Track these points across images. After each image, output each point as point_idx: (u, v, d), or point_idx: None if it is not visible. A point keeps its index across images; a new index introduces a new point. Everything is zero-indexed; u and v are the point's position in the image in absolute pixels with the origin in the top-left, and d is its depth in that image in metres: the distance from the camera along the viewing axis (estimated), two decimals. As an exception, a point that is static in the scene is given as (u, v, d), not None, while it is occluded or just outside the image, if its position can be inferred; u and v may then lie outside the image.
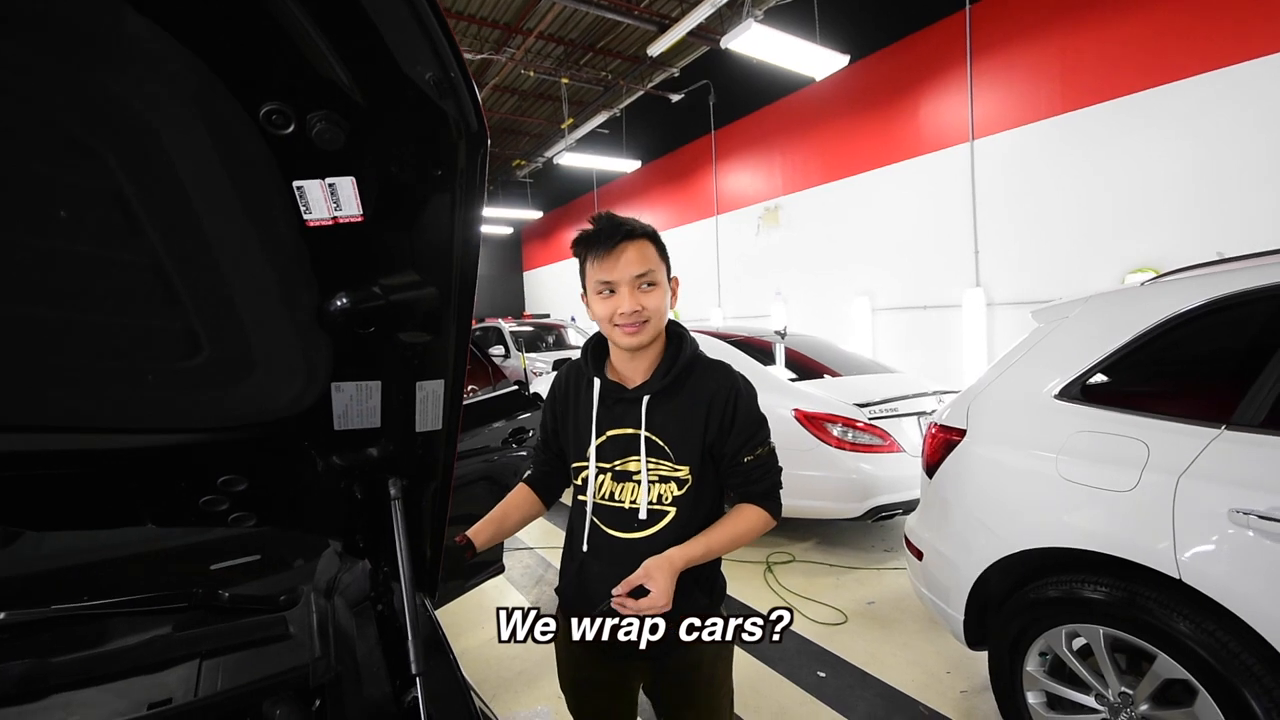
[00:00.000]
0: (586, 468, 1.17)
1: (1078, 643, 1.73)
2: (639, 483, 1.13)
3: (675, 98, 10.37)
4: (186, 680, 0.84)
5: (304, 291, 0.67)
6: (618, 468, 1.15)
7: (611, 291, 1.08)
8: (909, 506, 3.39)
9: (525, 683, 2.44)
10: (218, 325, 0.68)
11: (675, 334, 1.18)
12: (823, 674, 2.42)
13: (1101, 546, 1.58)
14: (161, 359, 0.70)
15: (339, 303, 0.68)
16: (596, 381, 1.17)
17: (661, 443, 1.12)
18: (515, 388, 2.74)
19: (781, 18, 6.91)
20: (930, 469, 2.17)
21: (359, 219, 0.60)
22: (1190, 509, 1.43)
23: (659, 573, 1.02)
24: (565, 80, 10.06)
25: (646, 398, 1.12)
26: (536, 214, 16.65)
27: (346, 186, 0.57)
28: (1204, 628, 1.42)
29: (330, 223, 0.59)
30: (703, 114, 10.27)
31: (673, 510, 1.12)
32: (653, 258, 1.08)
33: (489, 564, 2.47)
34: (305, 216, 0.58)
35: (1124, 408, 1.65)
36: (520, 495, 1.32)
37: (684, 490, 1.12)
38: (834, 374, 4.12)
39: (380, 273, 0.67)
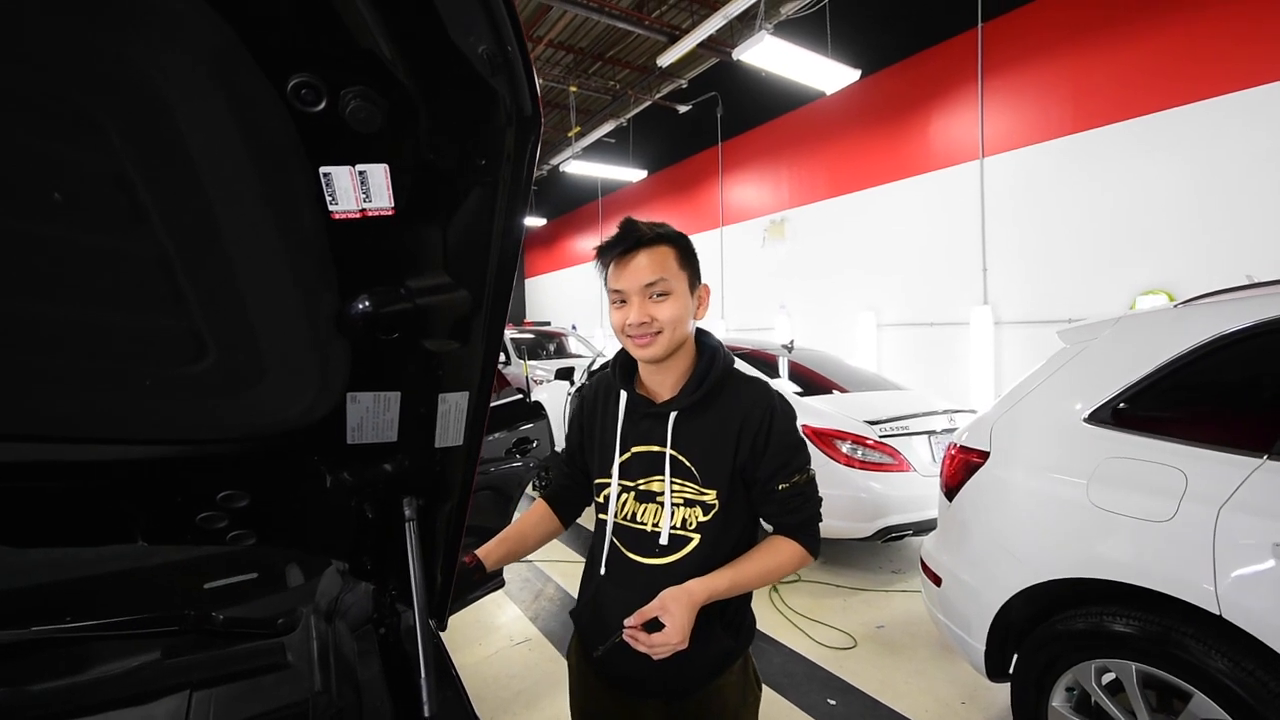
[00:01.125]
0: (609, 485, 1.11)
1: (1107, 678, 1.66)
2: (662, 504, 1.05)
3: (683, 109, 10.38)
4: (175, 714, 0.77)
5: (323, 292, 0.60)
6: (641, 487, 1.08)
7: (624, 301, 1.02)
8: (919, 528, 3.32)
9: (525, 703, 2.35)
10: (226, 327, 0.61)
11: (708, 346, 1.10)
12: (833, 701, 2.34)
13: (1137, 579, 1.52)
14: (162, 363, 0.63)
15: (361, 305, 0.62)
16: (623, 395, 1.11)
17: (688, 463, 1.05)
18: (519, 396, 2.67)
19: (793, 31, 6.90)
20: (950, 491, 2.10)
21: (389, 212, 0.53)
22: (1232, 542, 1.38)
23: (676, 605, 0.94)
24: (573, 88, 10.06)
25: (674, 414, 1.05)
26: (540, 221, 16.63)
27: (378, 175, 0.51)
28: (1243, 666, 1.36)
29: (358, 215, 0.53)
30: (710, 125, 10.27)
31: (697, 537, 1.04)
32: (668, 265, 1.00)
33: (489, 578, 2.39)
34: (330, 208, 0.52)
35: (1159, 433, 1.60)
36: (537, 514, 1.24)
37: (710, 516, 1.04)
38: (842, 390, 4.05)
39: (408, 273, 0.60)
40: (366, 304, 0.62)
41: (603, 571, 1.11)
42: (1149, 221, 5.26)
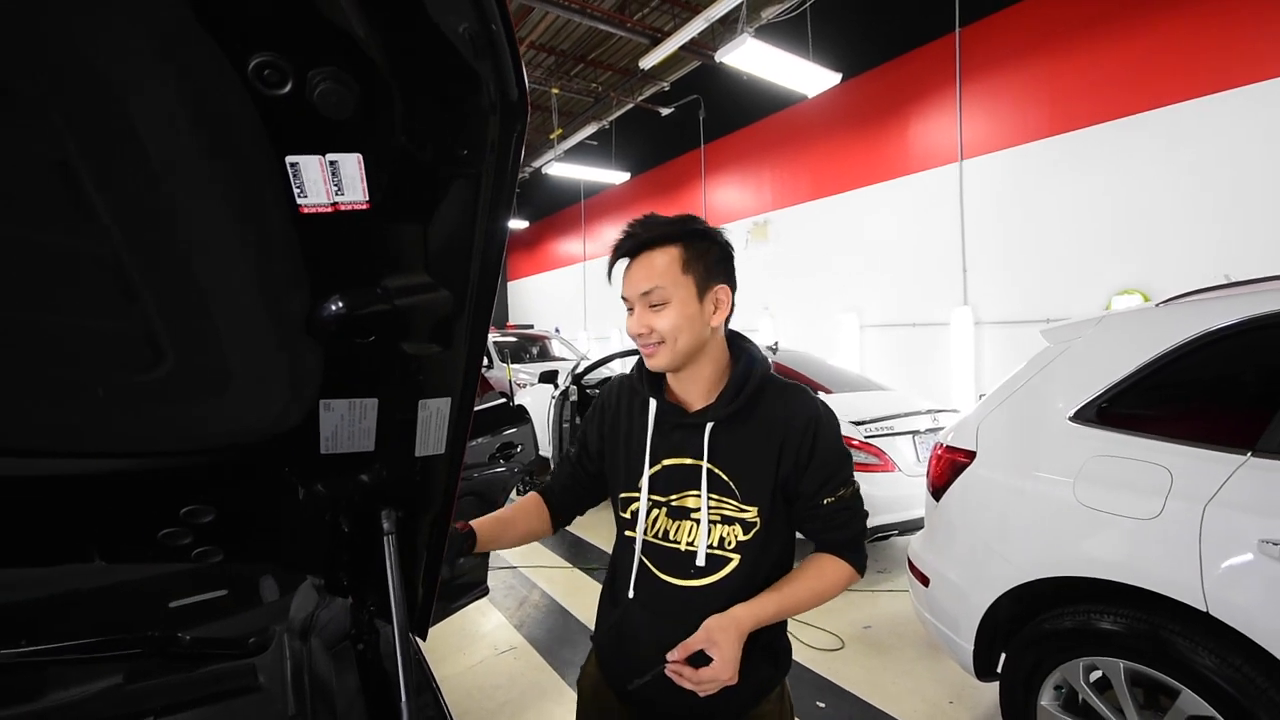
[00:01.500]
0: (636, 500, 1.02)
1: (1094, 675, 1.66)
2: (698, 522, 0.97)
3: (665, 111, 10.38)
4: (136, 745, 0.72)
5: (292, 292, 0.56)
6: (674, 503, 1.00)
7: (630, 308, 0.95)
8: (904, 527, 3.33)
9: (510, 714, 2.30)
10: (185, 330, 0.56)
11: (744, 352, 1.02)
12: (822, 704, 2.32)
13: (1125, 577, 1.52)
14: (115, 370, 0.58)
15: (334, 307, 0.57)
16: (653, 403, 1.02)
17: (726, 478, 0.97)
18: (502, 400, 2.63)
19: (775, 34, 6.94)
20: (937, 491, 2.10)
21: (364, 206, 0.49)
22: (1218, 538, 1.39)
23: (724, 637, 0.86)
24: (555, 90, 10.02)
25: (710, 425, 0.97)
26: (523, 224, 16.53)
27: (351, 165, 0.47)
28: (1230, 662, 1.36)
29: (329, 210, 0.49)
30: (692, 128, 10.29)
31: (736, 558, 0.96)
32: (667, 271, 0.91)
33: (473, 585, 2.34)
34: (299, 201, 0.48)
35: (1143, 431, 1.61)
36: (531, 505, 1.13)
37: (750, 535, 0.96)
38: (827, 391, 4.06)
39: (385, 272, 0.56)
40: (340, 305, 0.57)
41: (631, 594, 1.01)
42: (1124, 223, 5.37)
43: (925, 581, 2.08)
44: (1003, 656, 1.88)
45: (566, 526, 1.19)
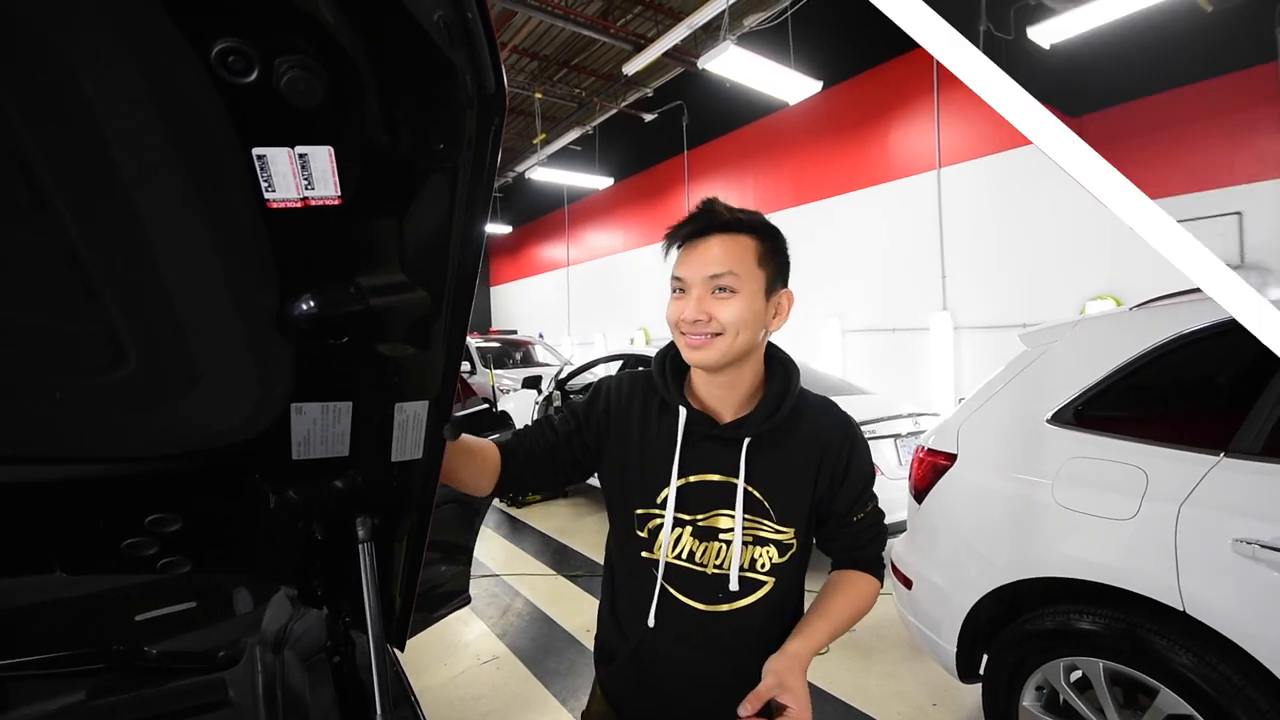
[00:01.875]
0: (657, 518, 0.93)
1: (1075, 675, 1.68)
2: (728, 543, 0.91)
3: (649, 117, 10.43)
4: (97, 765, 0.69)
5: (262, 290, 0.54)
6: (701, 523, 0.92)
7: (683, 291, 0.88)
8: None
9: (492, 725, 2.27)
10: (148, 330, 0.54)
11: (780, 362, 0.96)
12: (807, 709, 2.32)
13: (1104, 577, 1.54)
14: (73, 371, 0.55)
15: (305, 306, 0.55)
16: (682, 411, 0.93)
17: (761, 497, 0.90)
18: (484, 405, 2.60)
19: (757, 42, 7.01)
20: (919, 494, 2.11)
21: (336, 201, 0.48)
22: (1193, 538, 1.40)
23: (794, 679, 0.79)
24: (539, 95, 10.01)
25: (748, 440, 0.90)
26: (505, 229, 16.47)
27: (322, 158, 0.45)
28: (1207, 660, 1.38)
29: (299, 205, 0.47)
30: (675, 134, 10.35)
31: (770, 581, 0.91)
32: (742, 259, 0.85)
33: (454, 594, 2.31)
34: (267, 195, 0.46)
35: (1119, 433, 1.63)
36: (490, 452, 0.95)
37: (787, 557, 0.91)
38: (811, 395, 4.08)
39: (359, 270, 0.55)
40: (312, 304, 0.55)
41: (651, 622, 0.93)
42: (1097, 229, 5.49)
43: (908, 584, 2.09)
44: (985, 658, 1.89)
45: (496, 498, 1.06)
